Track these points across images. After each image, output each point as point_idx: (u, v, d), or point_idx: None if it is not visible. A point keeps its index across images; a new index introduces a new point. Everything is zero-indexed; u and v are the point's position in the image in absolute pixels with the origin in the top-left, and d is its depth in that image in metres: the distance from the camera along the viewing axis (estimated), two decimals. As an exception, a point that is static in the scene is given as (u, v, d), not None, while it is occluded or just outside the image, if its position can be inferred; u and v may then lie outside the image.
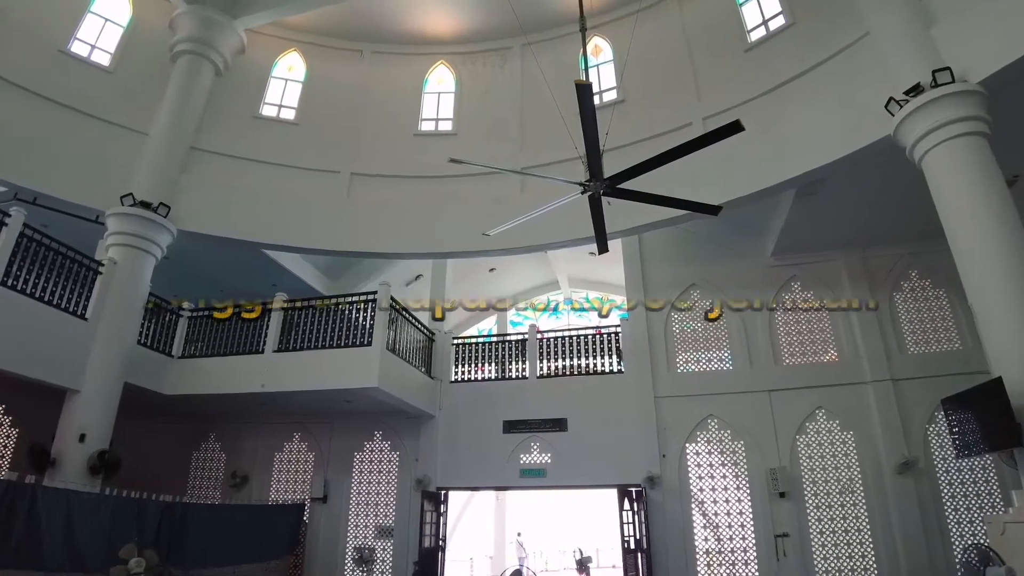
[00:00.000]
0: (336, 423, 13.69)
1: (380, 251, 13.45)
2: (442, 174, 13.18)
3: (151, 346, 12.03)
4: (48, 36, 12.23)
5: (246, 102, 14.17)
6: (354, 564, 12.90)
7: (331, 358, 11.53)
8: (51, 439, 10.19)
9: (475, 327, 21.00)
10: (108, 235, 11.46)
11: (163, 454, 13.70)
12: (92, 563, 8.27)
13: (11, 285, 9.27)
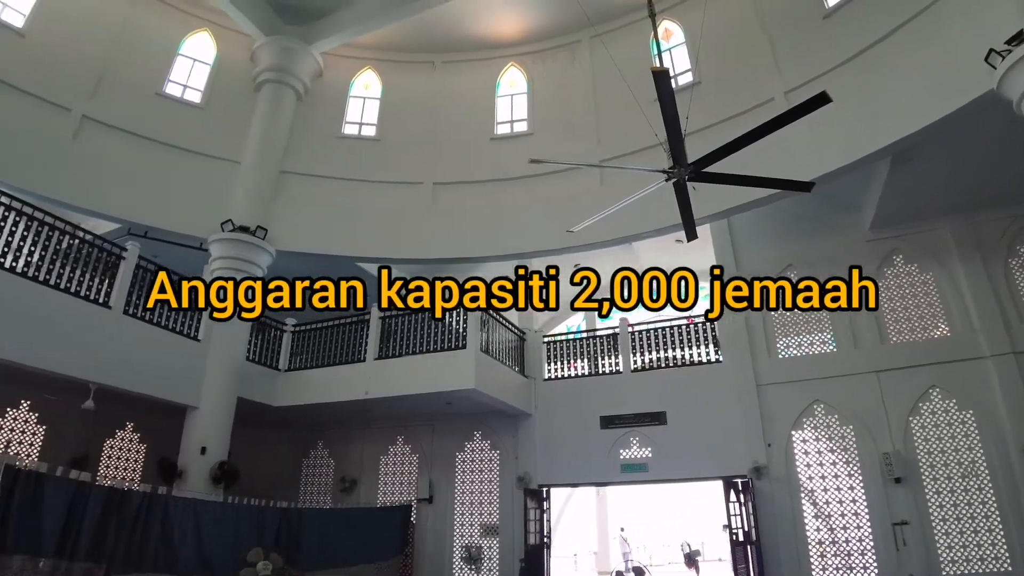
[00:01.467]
0: (437, 425, 14.05)
1: (466, 256, 13.70)
2: (521, 175, 13.35)
3: (259, 361, 12.88)
4: (145, 81, 13.29)
5: (328, 123, 14.79)
6: (463, 562, 13.17)
7: (428, 362, 11.91)
8: (175, 452, 11.08)
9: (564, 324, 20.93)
10: (212, 260, 12.29)
11: (276, 462, 14.49)
12: (220, 567, 8.86)
13: (132, 313, 10.13)
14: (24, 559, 7.11)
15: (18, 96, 11.48)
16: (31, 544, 7.15)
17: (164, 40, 13.84)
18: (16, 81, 11.47)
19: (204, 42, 14.40)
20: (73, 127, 12.06)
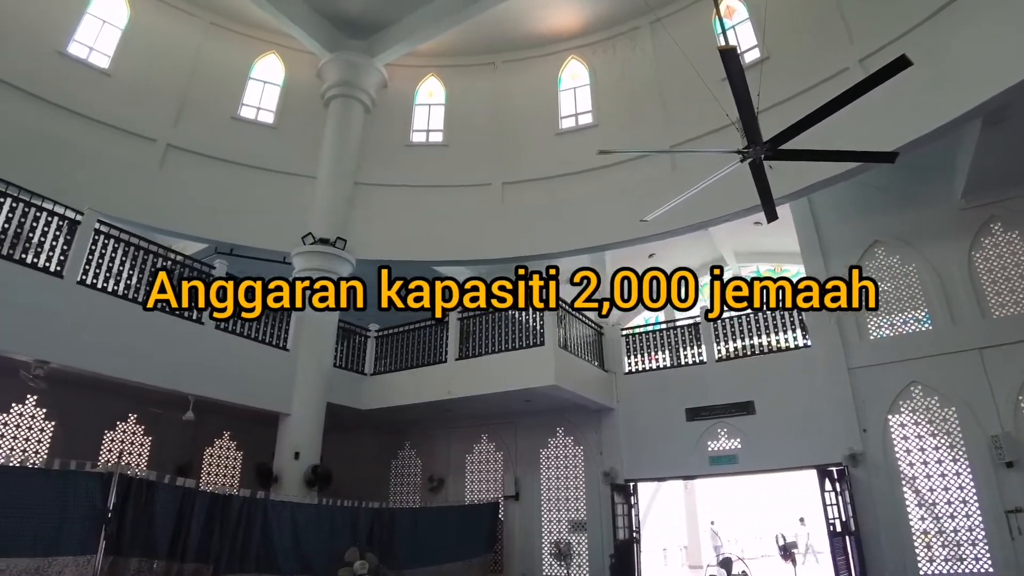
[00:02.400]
0: (519, 422, 14.12)
1: (538, 253, 13.70)
2: (589, 168, 13.31)
3: (346, 367, 13.37)
4: (221, 107, 14.05)
5: (396, 132, 15.17)
6: (552, 559, 13.18)
7: (508, 361, 11.99)
8: (270, 458, 11.62)
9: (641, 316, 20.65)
10: (295, 272, 12.74)
11: (365, 464, 14.92)
12: (318, 567, 9.22)
13: (224, 328, 10.73)
14: (140, 561, 7.60)
15: (109, 131, 12.40)
16: (145, 547, 7.65)
17: (236, 66, 14.56)
18: (106, 118, 12.39)
19: (273, 65, 15.05)
20: (159, 156, 12.91)
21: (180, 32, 14.00)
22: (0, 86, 11.26)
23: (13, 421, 10.96)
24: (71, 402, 11.15)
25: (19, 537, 6.67)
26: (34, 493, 6.92)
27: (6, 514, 6.63)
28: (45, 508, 6.94)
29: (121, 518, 7.42)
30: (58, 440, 11.29)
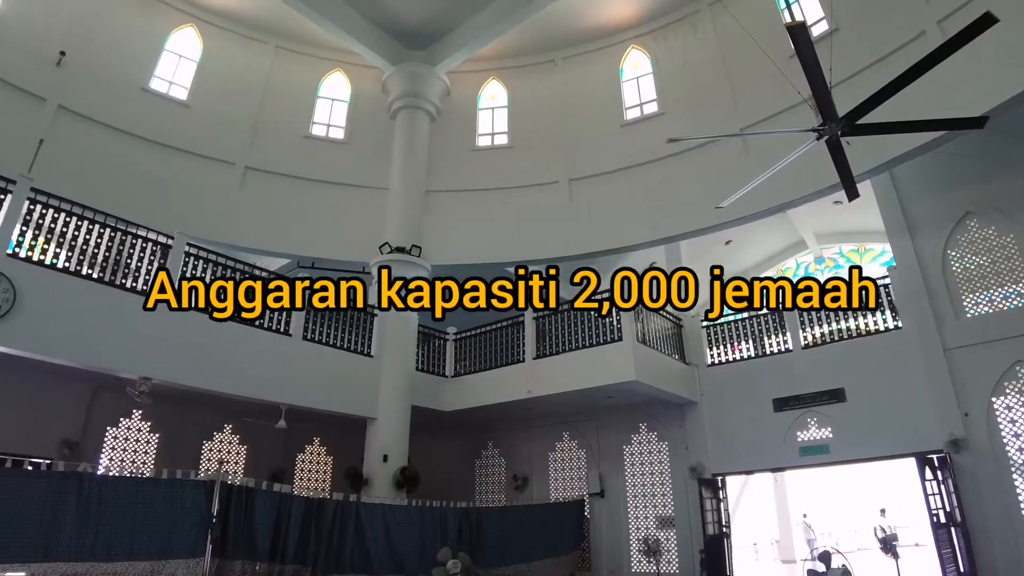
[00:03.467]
0: (601, 419, 14.03)
1: (610, 248, 13.64)
2: (658, 157, 13.17)
3: (427, 370, 13.75)
4: (293, 127, 14.71)
5: (462, 138, 15.43)
6: (641, 555, 13.03)
7: (586, 357, 11.96)
8: (358, 462, 12.03)
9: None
10: (374, 281, 13.10)
11: (451, 464, 15.18)
12: (410, 566, 9.47)
13: (310, 338, 11.25)
14: (243, 563, 7.99)
15: (192, 159, 13.26)
16: (248, 550, 8.05)
17: (304, 86, 15.19)
18: (188, 146, 13.26)
19: (339, 82, 15.59)
20: (239, 178, 13.66)
21: (250, 59, 14.71)
22: (91, 124, 12.21)
23: (122, 434, 11.78)
24: (172, 415, 11.89)
25: (137, 540, 7.19)
26: (147, 500, 7.42)
27: (125, 519, 7.14)
28: (157, 514, 7.42)
29: (224, 523, 7.83)
30: (162, 451, 12.05)
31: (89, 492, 7.05)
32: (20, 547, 6.48)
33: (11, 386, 9.93)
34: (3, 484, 6.64)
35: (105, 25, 12.96)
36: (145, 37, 13.61)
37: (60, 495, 6.86)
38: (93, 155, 12.00)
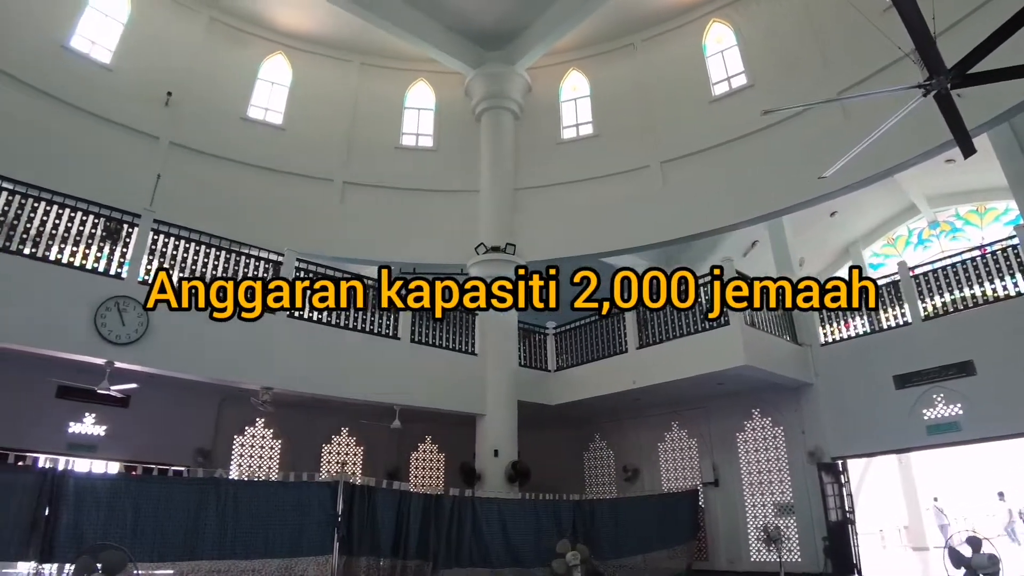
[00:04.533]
0: (711, 407, 13.65)
1: (707, 230, 13.26)
2: (752, 130, 12.74)
3: (530, 365, 13.89)
4: (385, 139, 15.23)
5: (547, 132, 15.44)
6: (761, 544, 12.59)
7: (692, 344, 11.67)
8: (468, 457, 12.30)
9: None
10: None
11: (559, 458, 15.21)
12: (526, 559, 9.59)
13: (417, 340, 11.75)
14: (368, 559, 8.33)
15: (293, 179, 14.06)
16: (372, 547, 8.41)
17: (391, 99, 15.68)
18: (288, 167, 14.08)
19: (424, 92, 16.04)
20: (338, 193, 14.36)
21: (337, 78, 15.35)
22: (200, 155, 13.27)
23: (248, 442, 12.55)
24: (293, 421, 12.56)
25: (271, 539, 7.66)
26: (278, 502, 7.90)
27: (259, 520, 7.62)
28: (287, 514, 7.88)
29: (349, 521, 8.22)
30: (285, 456, 12.75)
31: (226, 496, 7.57)
32: (170, 547, 7.05)
33: (150, 402, 10.82)
34: (153, 491, 7.25)
35: (204, 63, 13.92)
36: (240, 69, 14.51)
37: (201, 499, 7.42)
38: (204, 184, 12.95)
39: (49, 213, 9.00)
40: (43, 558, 6.41)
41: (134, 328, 8.86)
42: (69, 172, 10.84)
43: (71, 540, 6.50)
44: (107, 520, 6.77)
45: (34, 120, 11.46)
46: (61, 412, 10.72)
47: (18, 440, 10.18)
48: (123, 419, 11.12)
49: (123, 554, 5.86)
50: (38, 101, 11.62)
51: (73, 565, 5.81)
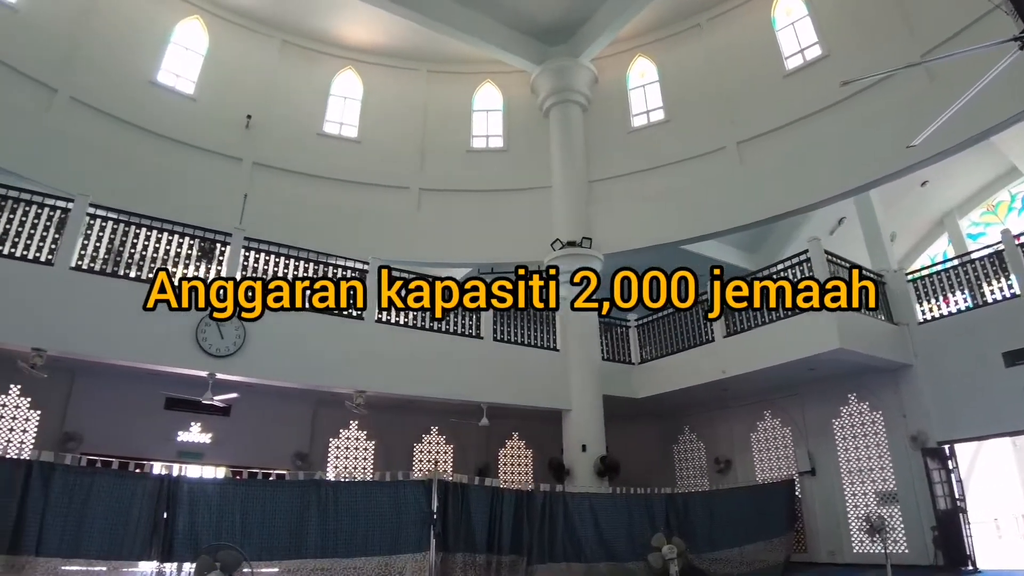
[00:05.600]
0: (804, 393, 13.17)
1: (790, 210, 12.79)
2: (831, 103, 12.32)
3: (613, 359, 13.85)
4: (457, 144, 15.59)
5: (617, 122, 15.34)
6: (864, 534, 12.05)
7: (782, 330, 11.28)
8: (554, 453, 12.37)
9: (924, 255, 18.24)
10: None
11: (648, 451, 15.06)
12: (621, 554, 9.50)
13: (499, 339, 12.06)
14: (464, 555, 8.47)
15: (371, 189, 14.55)
16: (467, 543, 8.54)
17: (459, 103, 15.98)
18: (366, 179, 14.61)
19: (491, 93, 16.24)
20: (415, 200, 14.75)
21: (406, 87, 15.77)
22: (281, 173, 13.97)
23: (343, 444, 13.03)
24: (385, 422, 12.95)
25: (370, 538, 7.92)
26: (375, 501, 8.15)
27: (358, 519, 7.90)
28: (384, 513, 8.13)
29: (444, 518, 8.38)
30: (378, 456, 13.15)
31: (326, 496, 7.88)
32: (277, 547, 7.40)
33: (250, 410, 11.43)
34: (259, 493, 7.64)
35: (279, 84, 14.72)
36: (313, 87, 15.18)
37: (303, 500, 7.75)
38: (287, 200, 13.63)
39: (149, 238, 9.63)
40: (164, 558, 6.85)
41: (232, 341, 9.39)
42: (163, 198, 11.65)
43: (187, 541, 6.94)
44: (218, 521, 7.18)
45: (128, 152, 12.39)
46: (170, 422, 11.52)
47: (133, 449, 10.90)
48: (226, 427, 11.81)
49: (238, 553, 6.21)
50: (131, 134, 12.57)
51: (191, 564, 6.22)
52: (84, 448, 10.40)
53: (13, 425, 10.63)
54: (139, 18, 13.37)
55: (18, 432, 10.64)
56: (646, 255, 13.98)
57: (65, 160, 11.46)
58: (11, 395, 10.60)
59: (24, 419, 10.70)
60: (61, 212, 9.14)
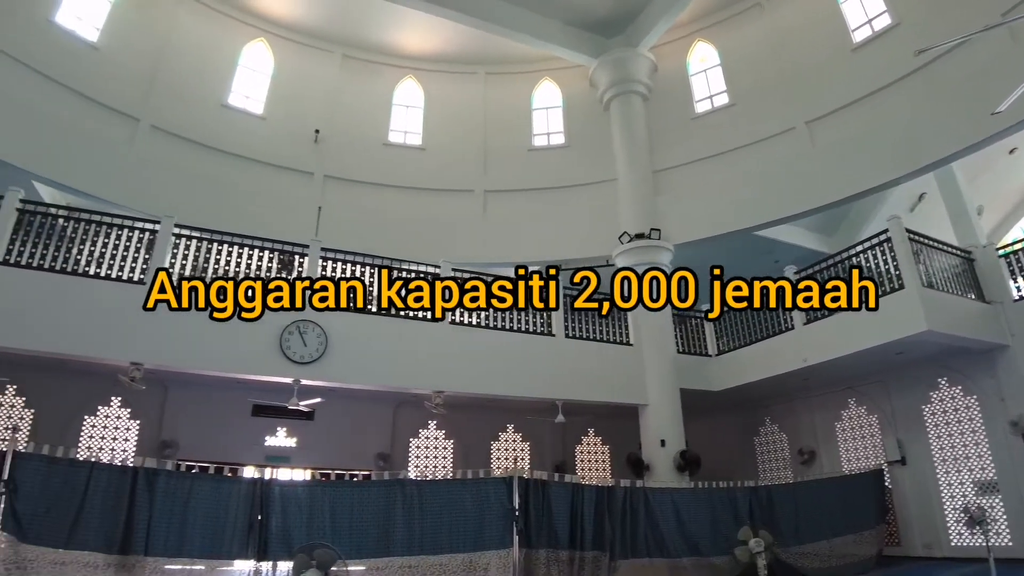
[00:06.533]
0: (890, 379, 12.60)
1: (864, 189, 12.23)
2: (903, 75, 11.79)
3: (689, 352, 13.57)
4: (518, 143, 15.71)
5: (679, 110, 15.10)
6: (963, 526, 11.43)
7: (866, 314, 10.71)
8: (631, 449, 12.33)
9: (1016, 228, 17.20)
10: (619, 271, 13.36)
11: (727, 444, 14.76)
12: (705, 548, 9.38)
13: (571, 335, 12.02)
14: (547, 552, 8.54)
15: (437, 195, 14.95)
16: (550, 539, 8.61)
17: (518, 103, 16.13)
18: (431, 184, 14.99)
19: (550, 90, 16.30)
20: (481, 202, 15.02)
21: (466, 91, 16.01)
22: (350, 183, 14.52)
23: (422, 443, 13.35)
24: (463, 422, 13.22)
25: (455, 535, 8.14)
26: (458, 499, 8.35)
27: (443, 517, 8.11)
28: (467, 510, 8.31)
29: (526, 515, 8.48)
30: (457, 455, 13.38)
31: (411, 495, 8.13)
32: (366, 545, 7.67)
33: (332, 413, 11.86)
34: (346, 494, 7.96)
35: (343, 97, 15.23)
36: (376, 98, 15.65)
37: (389, 500, 8.02)
38: (359, 209, 14.13)
39: (231, 253, 10.10)
40: (260, 557, 7.22)
41: (315, 348, 9.76)
42: (242, 214, 12.26)
43: (281, 540, 7.31)
44: (309, 521, 7.51)
45: (207, 173, 13.14)
46: (257, 428, 12.11)
47: (224, 455, 11.52)
48: (310, 430, 12.29)
49: (333, 552, 6.47)
50: (208, 156, 13.36)
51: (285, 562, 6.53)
52: (180, 455, 11.07)
53: (116, 435, 11.43)
54: (208, 46, 14.11)
55: (120, 441, 11.45)
56: (718, 244, 13.69)
57: (150, 185, 12.24)
58: (112, 407, 11.40)
59: (125, 429, 11.52)
60: (149, 234, 9.70)
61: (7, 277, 8.61)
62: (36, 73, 11.53)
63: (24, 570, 6.40)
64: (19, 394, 10.80)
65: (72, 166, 11.52)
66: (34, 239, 8.99)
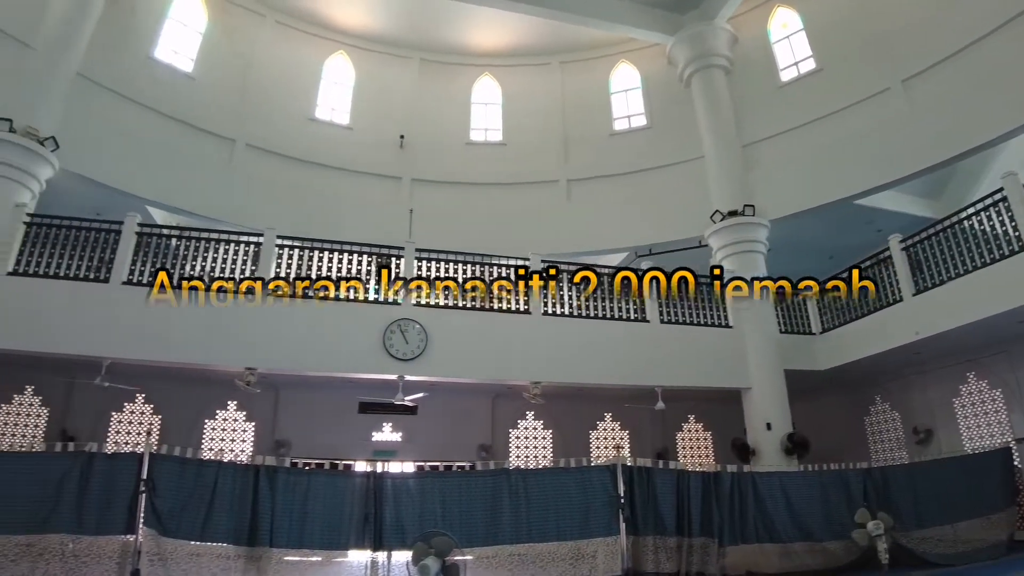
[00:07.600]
0: (1014, 350, 11.60)
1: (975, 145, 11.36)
2: (1006, 19, 10.98)
3: (792, 331, 13.04)
4: (599, 128, 15.73)
5: (765, 79, 14.56)
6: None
7: (982, 279, 9.99)
8: (734, 433, 12.12)
9: None
10: (716, 251, 13.21)
11: (837, 425, 14.11)
12: (818, 533, 9.08)
13: (666, 320, 11.87)
14: (655, 538, 8.51)
15: (520, 188, 15.16)
16: (656, 525, 8.59)
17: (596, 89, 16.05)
18: (516, 178, 15.24)
19: (627, 72, 16.08)
20: (564, 192, 15.11)
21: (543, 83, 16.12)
22: (436, 185, 14.97)
23: (521, 434, 13.54)
24: (561, 411, 13.33)
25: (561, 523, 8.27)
26: (562, 487, 8.47)
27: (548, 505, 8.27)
28: (572, 498, 8.43)
29: (631, 502, 8.48)
30: (556, 444, 13.49)
31: (516, 484, 8.31)
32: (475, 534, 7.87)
33: (435, 407, 12.19)
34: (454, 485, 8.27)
35: (423, 101, 15.68)
36: (455, 99, 16.06)
37: (495, 489, 8.25)
38: (446, 209, 14.56)
39: (332, 259, 10.59)
40: (375, 547, 7.58)
41: (416, 345, 10.12)
42: (337, 221, 12.92)
43: (395, 531, 7.65)
44: (421, 512, 7.83)
45: (300, 184, 13.91)
46: (364, 424, 12.65)
47: (335, 452, 12.10)
48: (414, 425, 12.70)
49: (450, 540, 6.70)
50: (301, 168, 14.16)
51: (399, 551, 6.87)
52: (293, 453, 11.70)
53: (234, 436, 12.23)
54: (292, 63, 14.87)
55: (238, 442, 12.22)
56: (815, 216, 13.09)
57: (249, 200, 13.05)
58: (230, 410, 12.19)
59: (242, 430, 12.30)
60: (255, 247, 10.29)
61: (130, 296, 9.37)
62: (141, 106, 12.59)
63: (165, 561, 6.99)
64: (147, 401, 11.75)
65: (178, 189, 12.48)
66: (151, 258, 9.76)
